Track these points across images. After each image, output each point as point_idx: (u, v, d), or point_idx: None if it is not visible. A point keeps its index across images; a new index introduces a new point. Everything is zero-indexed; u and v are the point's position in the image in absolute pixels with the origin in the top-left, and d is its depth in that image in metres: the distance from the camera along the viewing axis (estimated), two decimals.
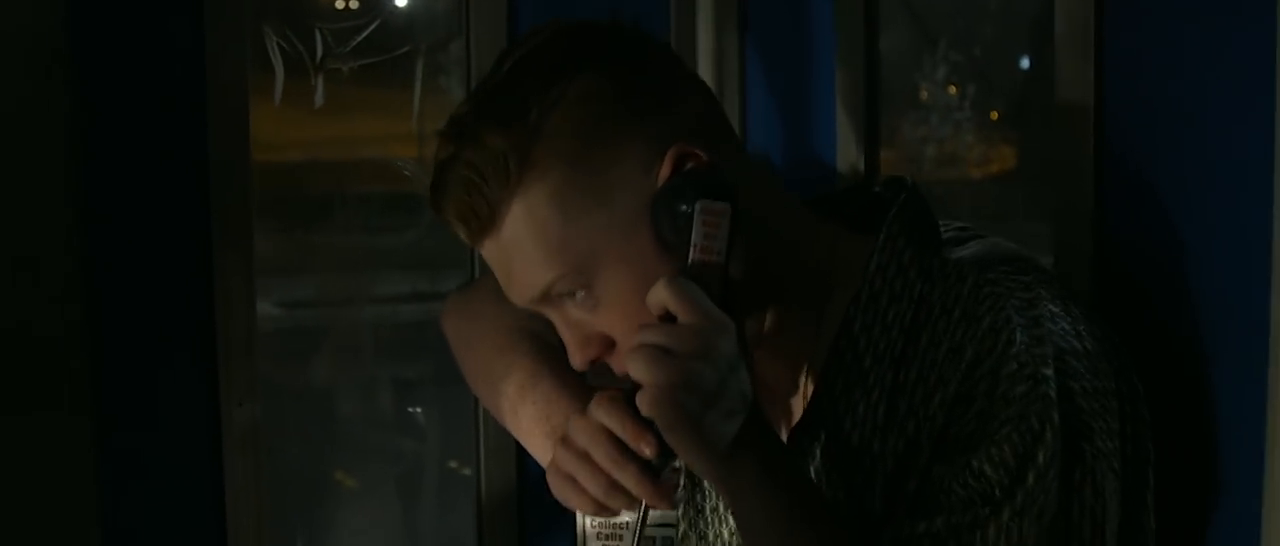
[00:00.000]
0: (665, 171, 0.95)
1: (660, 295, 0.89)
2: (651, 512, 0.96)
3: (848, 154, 1.49)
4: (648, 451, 0.91)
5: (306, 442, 1.55)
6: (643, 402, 0.87)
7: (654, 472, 0.92)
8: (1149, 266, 1.16)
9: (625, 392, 0.91)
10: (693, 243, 0.92)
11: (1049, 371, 0.91)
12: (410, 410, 1.65)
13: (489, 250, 0.99)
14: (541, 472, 1.01)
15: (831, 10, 1.50)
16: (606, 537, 1.35)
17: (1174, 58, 1.12)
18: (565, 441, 0.95)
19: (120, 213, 1.25)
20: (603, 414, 0.92)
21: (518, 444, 1.50)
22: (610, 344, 0.98)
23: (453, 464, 1.61)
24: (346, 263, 1.55)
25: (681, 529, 1.16)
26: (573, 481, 0.95)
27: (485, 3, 1.45)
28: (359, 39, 1.42)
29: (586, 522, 1.34)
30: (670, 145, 0.95)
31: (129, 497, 1.26)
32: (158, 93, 1.27)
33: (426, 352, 1.57)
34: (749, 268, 0.96)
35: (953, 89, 1.57)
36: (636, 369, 0.87)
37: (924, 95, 1.58)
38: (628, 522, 1.36)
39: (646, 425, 0.90)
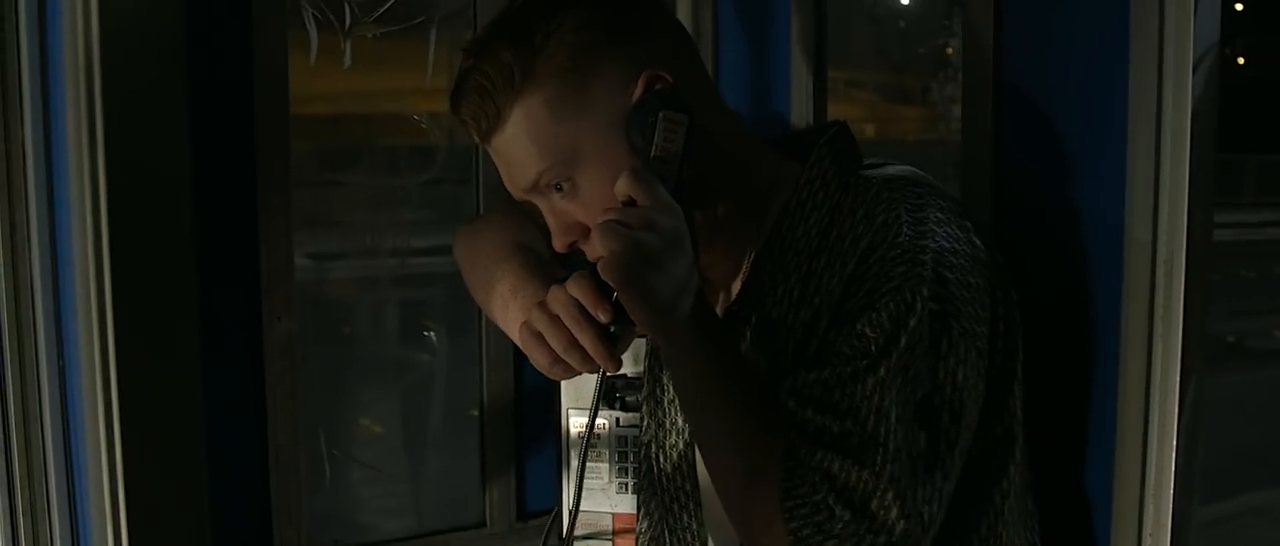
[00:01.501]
0: (639, 90, 1.15)
1: (623, 183, 1.09)
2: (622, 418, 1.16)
3: (801, 98, 1.74)
4: (603, 316, 1.09)
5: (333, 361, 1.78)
6: (602, 267, 1.06)
7: (609, 338, 1.10)
8: (1033, 180, 1.40)
9: (592, 272, 1.09)
10: (655, 143, 1.13)
11: (927, 258, 1.08)
12: (425, 334, 1.88)
13: (495, 145, 1.19)
14: (534, 382, 1.21)
15: None
16: (581, 437, 1.58)
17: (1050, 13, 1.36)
18: (540, 305, 1.13)
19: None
20: (573, 285, 1.10)
21: (514, 357, 1.75)
22: (586, 231, 1.18)
23: (464, 406, 1.84)
24: (370, 205, 1.78)
25: (645, 421, 1.39)
26: (539, 338, 1.13)
27: None
28: (382, 9, 1.66)
29: (568, 423, 1.58)
30: (644, 69, 1.16)
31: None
32: (209, 57, 1.51)
33: (438, 284, 1.81)
34: (702, 177, 1.17)
35: None
36: (599, 240, 1.06)
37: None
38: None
39: (606, 298, 1.08)
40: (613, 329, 1.09)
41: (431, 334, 1.86)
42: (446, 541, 1.78)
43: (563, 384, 1.54)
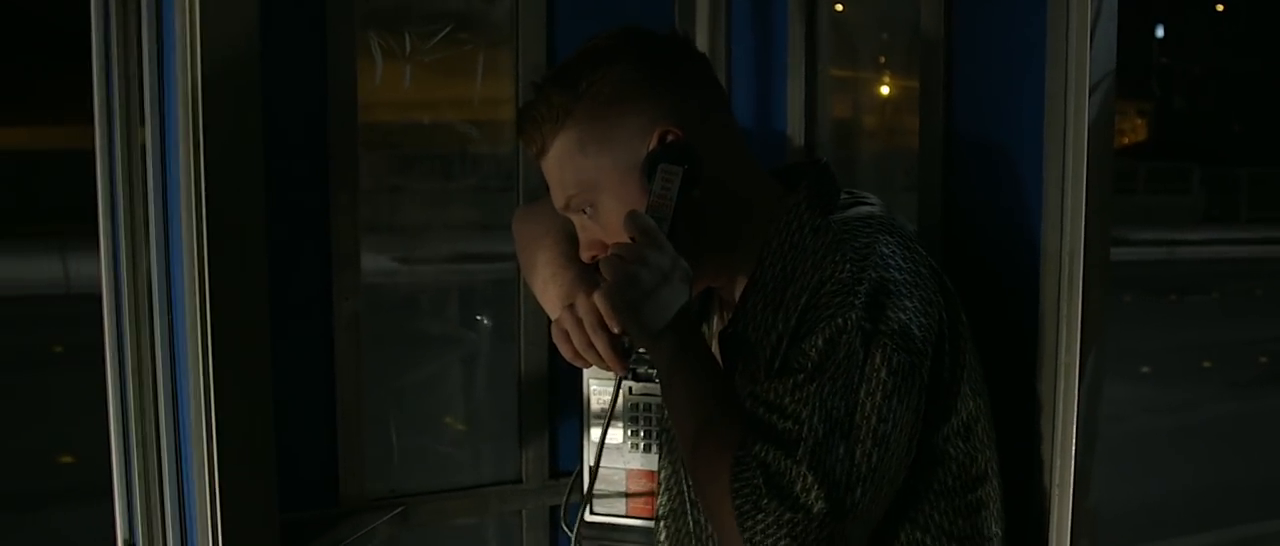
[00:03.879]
0: (653, 141, 1.38)
1: (625, 222, 1.33)
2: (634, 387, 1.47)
3: (795, 122, 2.01)
4: (615, 328, 1.33)
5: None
6: (602, 292, 1.30)
7: (621, 345, 1.35)
8: (975, 197, 1.65)
9: None
10: (653, 190, 1.35)
11: (862, 288, 1.25)
12: (477, 318, 2.14)
13: (543, 166, 1.45)
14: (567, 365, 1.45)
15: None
16: (600, 409, 1.84)
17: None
18: (570, 308, 1.36)
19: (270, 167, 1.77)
20: (597, 296, 1.31)
21: (547, 335, 1.99)
22: (606, 248, 1.39)
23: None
24: (428, 203, 2.05)
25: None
26: (566, 335, 1.37)
27: (530, 12, 1.96)
28: (436, 39, 1.94)
29: (588, 389, 1.83)
30: (660, 123, 1.38)
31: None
32: (293, 80, 1.80)
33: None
34: (711, 215, 1.39)
35: None
36: (602, 269, 1.32)
37: None
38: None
39: None
40: (625, 339, 1.34)
41: (482, 318, 2.12)
42: (485, 494, 2.04)
43: None
